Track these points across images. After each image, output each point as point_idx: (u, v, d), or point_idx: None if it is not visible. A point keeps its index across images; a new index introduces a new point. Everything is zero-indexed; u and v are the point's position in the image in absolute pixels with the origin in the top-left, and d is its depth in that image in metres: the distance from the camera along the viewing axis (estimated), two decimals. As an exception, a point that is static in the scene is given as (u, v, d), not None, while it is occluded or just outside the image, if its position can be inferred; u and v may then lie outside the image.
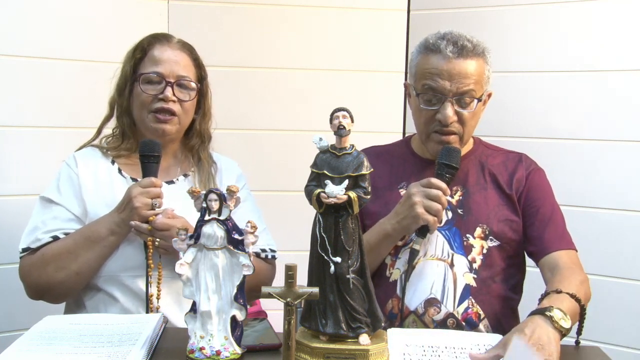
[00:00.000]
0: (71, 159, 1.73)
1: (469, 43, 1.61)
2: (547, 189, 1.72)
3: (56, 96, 2.24)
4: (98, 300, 1.62)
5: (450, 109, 1.60)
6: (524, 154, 1.76)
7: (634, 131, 2.24)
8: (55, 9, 2.24)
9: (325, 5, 2.51)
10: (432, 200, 1.54)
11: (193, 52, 1.76)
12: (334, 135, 1.23)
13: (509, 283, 1.65)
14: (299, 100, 2.52)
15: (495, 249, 1.63)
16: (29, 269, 1.60)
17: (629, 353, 2.23)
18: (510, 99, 2.39)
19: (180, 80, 1.69)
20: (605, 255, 2.26)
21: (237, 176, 1.84)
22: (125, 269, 1.61)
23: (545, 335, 1.28)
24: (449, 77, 1.59)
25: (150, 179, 1.58)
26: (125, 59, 1.74)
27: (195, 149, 1.79)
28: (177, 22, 2.44)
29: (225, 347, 1.25)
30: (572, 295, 1.42)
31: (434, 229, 1.57)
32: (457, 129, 1.63)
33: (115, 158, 1.74)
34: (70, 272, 1.57)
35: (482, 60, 1.63)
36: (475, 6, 2.44)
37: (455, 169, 1.59)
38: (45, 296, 1.64)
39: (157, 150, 1.61)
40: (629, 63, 2.24)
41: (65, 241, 1.60)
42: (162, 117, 1.67)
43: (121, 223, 1.57)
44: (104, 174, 1.70)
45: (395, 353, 1.30)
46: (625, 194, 2.26)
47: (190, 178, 1.77)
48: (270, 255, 1.77)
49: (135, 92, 1.70)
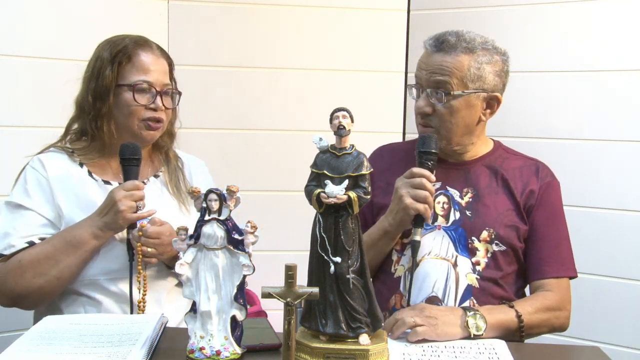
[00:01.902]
0: (36, 161, 1.67)
1: (453, 38, 1.60)
2: (557, 207, 1.69)
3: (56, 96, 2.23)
4: (78, 304, 1.60)
5: (423, 99, 1.63)
6: (541, 163, 1.73)
7: (634, 131, 2.25)
8: (55, 9, 2.24)
9: (325, 5, 2.51)
10: (417, 189, 1.55)
11: (169, 57, 1.76)
12: (334, 135, 1.23)
13: (512, 287, 1.64)
14: (299, 100, 2.52)
15: (500, 253, 1.62)
16: (4, 277, 1.55)
17: (629, 353, 2.23)
18: (510, 99, 2.37)
19: (166, 89, 1.70)
20: (605, 255, 2.26)
21: (207, 170, 1.87)
22: (106, 272, 1.60)
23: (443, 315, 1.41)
24: (425, 67, 1.63)
25: (134, 182, 1.58)
26: (99, 59, 1.67)
27: (165, 149, 1.80)
28: (177, 22, 2.45)
29: (225, 347, 1.25)
30: (518, 315, 1.50)
31: (428, 216, 1.57)
32: (433, 124, 1.64)
33: (83, 161, 1.69)
34: (50, 278, 1.54)
35: (468, 56, 1.60)
36: (475, 6, 2.44)
37: (434, 154, 1.59)
38: (21, 303, 1.60)
39: (139, 154, 1.60)
40: (629, 63, 2.25)
41: (43, 246, 1.56)
42: (153, 125, 1.67)
43: (104, 227, 1.55)
44: (74, 177, 1.67)
45: (395, 353, 1.30)
46: (625, 194, 2.26)
47: (161, 177, 1.77)
48: None
49: (122, 99, 1.66)
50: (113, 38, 1.71)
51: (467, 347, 1.35)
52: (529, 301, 1.58)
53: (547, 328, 1.59)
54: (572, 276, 1.66)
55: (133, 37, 1.71)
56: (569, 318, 1.62)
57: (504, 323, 1.48)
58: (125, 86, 1.66)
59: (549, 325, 1.58)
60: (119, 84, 1.66)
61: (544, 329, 1.58)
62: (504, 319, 1.48)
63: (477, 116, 1.65)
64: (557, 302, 1.59)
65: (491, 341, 1.39)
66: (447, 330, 1.40)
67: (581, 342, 1.48)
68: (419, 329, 1.37)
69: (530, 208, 1.66)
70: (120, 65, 1.66)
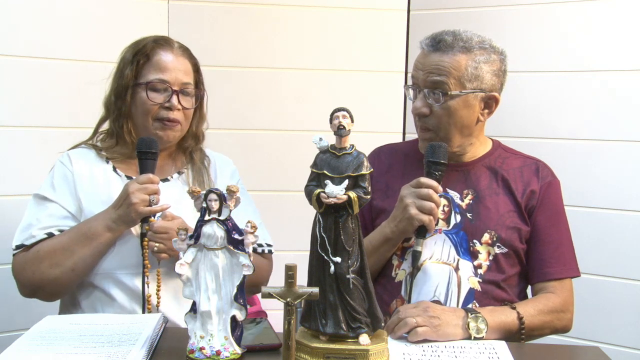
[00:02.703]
0: (65, 157, 1.72)
1: (450, 38, 1.59)
2: (558, 206, 1.68)
3: (56, 96, 2.24)
4: (94, 298, 1.62)
5: (420, 100, 1.61)
6: (541, 162, 1.72)
7: (634, 131, 2.24)
8: (55, 9, 2.23)
9: (325, 5, 2.51)
10: (424, 200, 1.54)
11: (192, 57, 1.75)
12: (334, 135, 1.23)
13: (514, 290, 1.64)
14: (299, 100, 2.52)
15: (502, 256, 1.61)
16: (22, 266, 1.59)
17: (629, 353, 2.23)
18: (510, 99, 2.38)
19: (184, 88, 1.69)
20: (605, 255, 2.26)
21: (231, 172, 1.85)
22: (122, 266, 1.61)
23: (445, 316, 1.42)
24: (422, 68, 1.61)
25: (148, 175, 1.58)
26: (122, 60, 1.72)
27: (189, 150, 1.79)
28: (177, 22, 2.44)
29: (225, 347, 1.25)
30: (520, 317, 1.50)
31: (431, 228, 1.56)
32: (431, 125, 1.62)
33: (109, 158, 1.73)
34: (66, 269, 1.56)
35: (466, 56, 1.58)
36: (475, 6, 2.44)
37: (443, 164, 1.57)
38: (38, 293, 1.62)
39: (155, 147, 1.60)
40: (629, 63, 2.24)
41: (60, 238, 1.59)
42: (168, 124, 1.67)
43: (118, 219, 1.56)
44: (99, 171, 1.70)
45: (396, 352, 1.30)
46: (625, 194, 2.26)
47: (184, 176, 1.77)
48: (267, 250, 1.78)
49: (139, 98, 1.68)
50: (138, 39, 1.73)
51: (467, 347, 1.35)
52: (531, 303, 1.57)
53: (550, 330, 1.58)
54: (575, 276, 1.65)
55: (155, 37, 1.73)
56: (572, 320, 1.61)
57: (506, 325, 1.48)
58: (142, 85, 1.67)
59: (552, 327, 1.58)
60: (136, 83, 1.68)
61: (546, 331, 1.58)
62: (505, 320, 1.48)
63: (476, 116, 1.63)
64: (560, 304, 1.58)
65: (491, 341, 1.39)
66: (449, 331, 1.40)
67: (581, 342, 1.48)
68: (419, 330, 1.37)
69: (532, 209, 1.65)
70: (139, 64, 1.68)
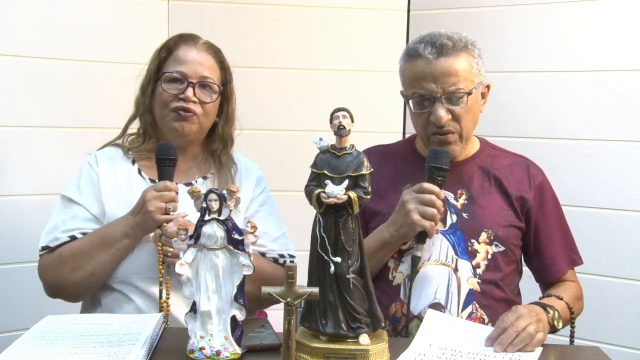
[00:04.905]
0: (93, 157, 1.72)
1: (448, 40, 1.59)
2: (554, 203, 1.72)
3: (56, 96, 2.24)
4: (113, 298, 1.62)
5: (442, 109, 1.59)
6: (530, 161, 1.74)
7: (634, 131, 2.24)
8: (55, 9, 2.23)
9: (325, 5, 2.51)
10: (426, 206, 1.53)
11: (219, 54, 1.74)
12: (334, 135, 1.23)
13: (509, 288, 1.65)
14: (299, 100, 2.52)
15: (500, 254, 1.62)
16: (46, 268, 1.61)
17: (629, 353, 2.23)
18: (510, 99, 2.39)
19: (203, 81, 1.68)
20: (605, 255, 2.26)
21: (257, 178, 1.81)
22: (139, 272, 1.60)
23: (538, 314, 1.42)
24: (433, 79, 1.58)
25: (165, 182, 1.55)
26: (151, 58, 1.73)
27: (217, 153, 1.77)
28: (177, 22, 2.44)
29: (225, 347, 1.25)
30: (569, 306, 1.56)
31: (432, 234, 1.56)
32: (453, 128, 1.62)
33: (136, 159, 1.72)
34: (86, 273, 1.56)
35: (466, 54, 1.60)
36: (475, 6, 2.44)
37: (445, 170, 1.57)
38: (61, 295, 1.64)
39: (173, 154, 1.58)
40: (629, 63, 2.25)
41: (81, 241, 1.60)
42: (182, 114, 1.65)
43: (135, 226, 1.55)
44: (123, 174, 1.69)
45: (412, 350, 1.31)
46: (625, 194, 2.26)
47: (209, 180, 1.74)
48: (289, 261, 1.75)
49: (157, 90, 1.68)
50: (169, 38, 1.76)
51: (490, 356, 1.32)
52: (565, 292, 1.61)
53: (577, 315, 1.64)
54: (580, 264, 1.73)
55: (181, 33, 1.74)
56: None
57: (566, 315, 1.53)
58: (161, 77, 1.68)
59: (579, 313, 1.65)
60: (157, 76, 1.69)
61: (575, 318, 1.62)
62: (564, 312, 1.53)
63: (479, 109, 1.67)
64: (580, 291, 1.68)
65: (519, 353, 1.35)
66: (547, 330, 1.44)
67: (581, 342, 1.48)
68: (540, 335, 1.38)
69: (529, 211, 1.66)
70: (161, 58, 1.70)
